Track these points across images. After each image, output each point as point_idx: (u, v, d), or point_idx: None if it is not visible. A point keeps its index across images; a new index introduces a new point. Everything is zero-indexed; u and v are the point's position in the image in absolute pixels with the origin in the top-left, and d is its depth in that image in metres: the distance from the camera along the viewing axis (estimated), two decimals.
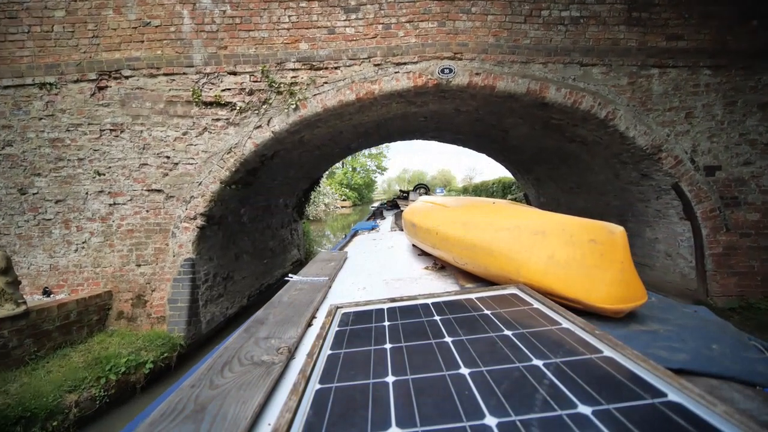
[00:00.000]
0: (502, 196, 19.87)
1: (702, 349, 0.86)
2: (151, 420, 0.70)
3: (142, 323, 4.82)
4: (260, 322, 1.23)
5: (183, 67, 4.82)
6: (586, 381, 0.62)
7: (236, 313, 6.33)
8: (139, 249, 4.92)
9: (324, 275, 1.97)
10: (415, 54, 4.97)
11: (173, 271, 4.89)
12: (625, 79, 5.09)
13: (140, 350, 4.29)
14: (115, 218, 4.91)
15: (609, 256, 1.03)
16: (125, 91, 4.82)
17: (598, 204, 7.34)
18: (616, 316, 1.03)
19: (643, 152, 5.24)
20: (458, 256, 1.59)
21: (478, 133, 8.16)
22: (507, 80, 5.02)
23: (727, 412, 0.51)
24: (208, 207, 4.95)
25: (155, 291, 4.88)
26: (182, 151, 4.91)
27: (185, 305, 4.85)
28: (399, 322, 1.01)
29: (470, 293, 1.19)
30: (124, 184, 4.89)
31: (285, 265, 9.30)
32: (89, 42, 4.76)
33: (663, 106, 5.11)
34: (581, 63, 5.05)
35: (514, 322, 0.91)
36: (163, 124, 4.87)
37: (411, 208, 2.67)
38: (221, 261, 5.78)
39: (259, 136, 4.96)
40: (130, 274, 4.90)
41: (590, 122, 5.42)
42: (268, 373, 0.86)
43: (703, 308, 1.18)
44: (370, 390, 0.68)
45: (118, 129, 4.84)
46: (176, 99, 4.85)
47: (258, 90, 4.90)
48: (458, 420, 0.56)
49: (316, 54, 4.91)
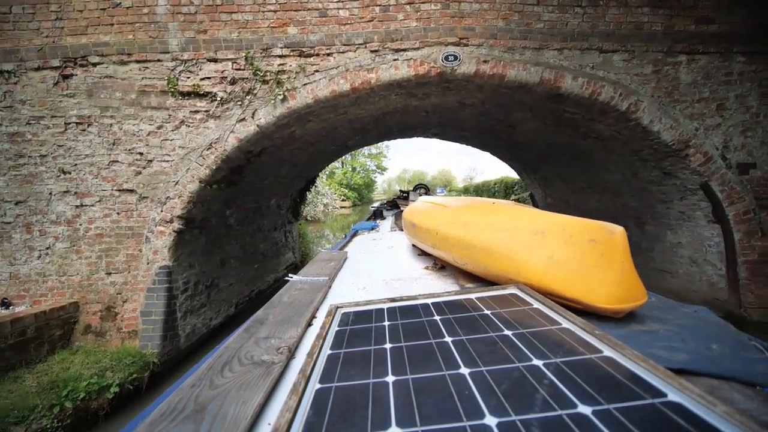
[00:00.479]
0: (505, 196, 19.33)
1: (702, 349, 0.86)
2: (151, 420, 0.69)
3: (111, 338, 4.32)
4: (260, 322, 1.23)
5: (157, 54, 4.33)
6: (586, 381, 0.62)
7: (222, 324, 5.83)
8: (110, 255, 4.42)
9: (324, 275, 1.95)
10: (416, 39, 4.47)
11: (147, 279, 4.40)
12: (650, 67, 4.59)
13: (106, 371, 3.79)
14: (83, 221, 4.42)
15: (609, 256, 1.03)
16: (93, 80, 4.32)
17: (612, 205, 6.83)
18: (616, 316, 1.02)
19: (669, 148, 4.73)
20: (458, 256, 1.59)
21: (483, 130, 7.66)
22: (518, 68, 4.52)
23: (727, 412, 0.51)
24: (186, 209, 4.46)
25: (127, 302, 4.39)
26: (157, 146, 4.41)
27: (160, 318, 4.35)
28: (399, 322, 1.01)
29: (470, 293, 1.19)
30: (92, 183, 4.40)
31: (278, 269, 8.80)
32: (52, 25, 4.26)
33: (691, 97, 4.61)
34: (600, 49, 4.55)
35: (514, 322, 0.91)
36: (136, 117, 4.37)
37: (411, 208, 2.64)
38: (204, 267, 5.28)
39: (242, 130, 4.46)
40: (99, 283, 4.40)
41: (609, 115, 4.92)
42: (268, 372, 0.86)
43: (703, 308, 1.16)
44: (370, 390, 0.68)
45: (85, 122, 4.34)
46: (150, 89, 4.36)
47: (241, 79, 4.40)
48: (458, 420, 0.56)
49: (306, 39, 4.42)
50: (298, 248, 10.86)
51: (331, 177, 38.42)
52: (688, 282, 5.44)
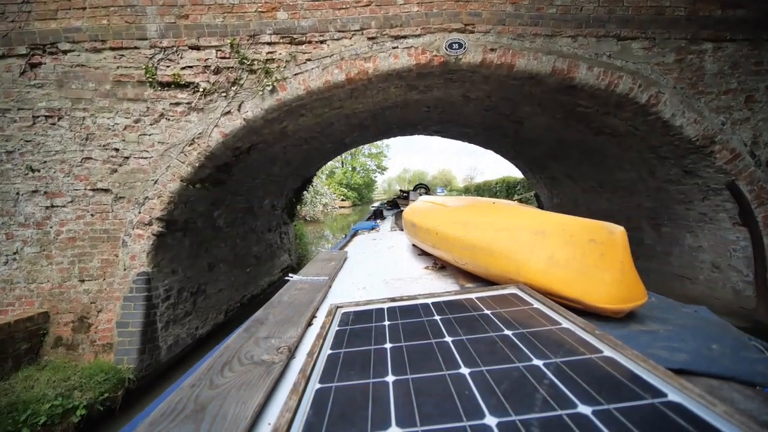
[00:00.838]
0: (507, 196, 18.92)
1: (702, 349, 0.85)
2: (151, 420, 0.69)
3: (84, 352, 3.96)
4: (260, 322, 1.23)
5: (134, 40, 3.95)
6: (586, 381, 0.62)
7: (210, 332, 5.46)
8: (83, 261, 4.06)
9: (324, 275, 1.95)
10: (417, 25, 4.09)
11: (124, 287, 4.03)
12: (672, 56, 4.21)
13: (74, 390, 3.43)
14: (54, 224, 4.05)
15: (609, 256, 1.02)
16: (63, 69, 3.95)
17: (625, 205, 6.45)
18: (616, 316, 1.01)
19: (692, 144, 4.35)
20: (458, 256, 1.59)
21: (488, 126, 7.28)
22: (528, 57, 4.14)
23: (727, 412, 0.51)
24: (166, 210, 4.09)
25: (102, 312, 4.02)
26: (134, 142, 4.04)
27: (138, 329, 3.98)
28: (399, 321, 1.00)
29: (470, 293, 1.19)
30: (64, 182, 4.03)
31: (273, 272, 8.43)
32: (18, 9, 3.89)
33: (718, 88, 4.23)
34: (618, 36, 4.16)
35: (514, 322, 0.91)
36: (111, 110, 4.00)
37: (411, 208, 2.64)
38: (189, 273, 4.91)
39: (228, 125, 4.09)
40: (72, 291, 4.04)
41: (626, 109, 4.54)
42: (268, 372, 0.85)
43: (703, 308, 1.15)
44: (370, 390, 0.67)
45: (55, 115, 3.97)
46: (126, 79, 3.98)
47: (226, 68, 4.03)
48: (458, 420, 0.56)
49: (297, 25, 4.04)
50: (294, 250, 10.48)
51: (331, 176, 38.12)
52: (709, 289, 5.05)
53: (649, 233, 6.04)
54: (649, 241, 6.04)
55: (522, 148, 8.26)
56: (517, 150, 8.70)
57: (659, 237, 5.84)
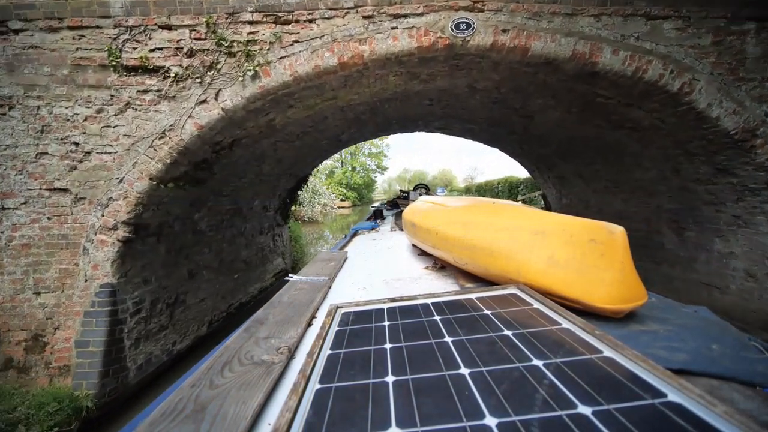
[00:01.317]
0: (509, 196, 18.41)
1: (702, 349, 0.84)
2: (151, 420, 0.68)
3: (38, 375, 3.46)
4: (260, 322, 1.22)
5: (96, 18, 3.46)
6: (586, 381, 0.62)
7: (191, 347, 4.96)
8: (39, 271, 3.56)
9: (324, 275, 1.94)
10: (419, 3, 3.60)
11: (85, 301, 3.54)
12: (709, 38, 3.71)
13: (17, 424, 2.93)
14: (5, 228, 3.55)
15: (609, 256, 1.01)
16: (14, 51, 3.46)
17: (643, 207, 5.95)
18: (616, 316, 1.01)
19: (729, 138, 3.86)
20: (458, 256, 1.57)
21: (494, 121, 6.78)
22: (545, 39, 3.65)
23: (727, 412, 0.51)
24: (133, 212, 3.59)
25: (59, 329, 3.53)
26: (96, 135, 3.54)
27: (100, 349, 3.48)
28: (399, 322, 1.00)
29: (470, 293, 1.18)
30: (16, 180, 3.53)
31: (265, 277, 7.93)
32: None
33: (761, 74, 3.73)
34: (648, 15, 3.67)
35: (514, 322, 0.90)
36: (69, 98, 3.51)
37: (411, 208, 2.64)
38: (165, 282, 4.41)
39: (203, 115, 3.59)
40: (26, 305, 3.54)
41: (652, 99, 4.05)
42: (268, 372, 0.85)
43: (703, 308, 1.14)
44: (370, 390, 0.67)
45: (5, 104, 3.48)
46: (86, 62, 3.49)
47: (201, 50, 3.53)
48: (458, 420, 0.55)
49: (282, 1, 3.55)
50: (289, 253, 9.99)
51: (331, 176, 37.65)
52: (743, 299, 4.55)
53: (670, 237, 5.54)
54: (670, 246, 5.55)
55: (530, 145, 7.76)
56: (524, 148, 8.20)
57: (682, 242, 5.34)
